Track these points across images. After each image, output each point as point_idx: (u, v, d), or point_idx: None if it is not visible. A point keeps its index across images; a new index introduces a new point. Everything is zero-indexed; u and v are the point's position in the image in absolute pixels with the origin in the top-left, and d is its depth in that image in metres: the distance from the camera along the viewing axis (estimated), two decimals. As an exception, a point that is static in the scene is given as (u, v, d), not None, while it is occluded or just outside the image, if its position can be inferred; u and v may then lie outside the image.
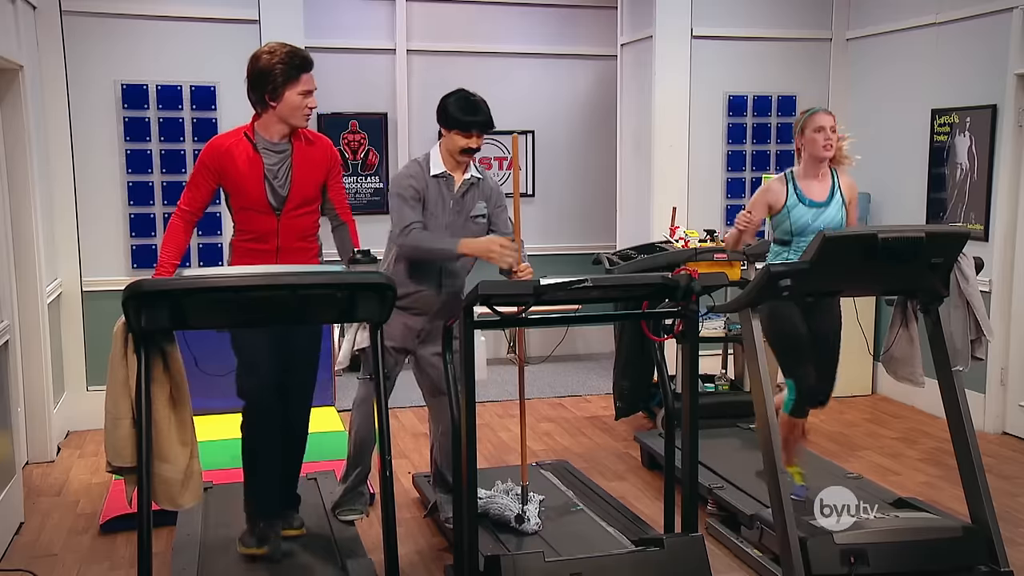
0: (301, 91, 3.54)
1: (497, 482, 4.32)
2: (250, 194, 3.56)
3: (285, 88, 3.52)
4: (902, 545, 3.48)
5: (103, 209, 5.79)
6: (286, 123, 3.57)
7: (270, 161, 3.57)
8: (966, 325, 3.67)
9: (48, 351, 5.29)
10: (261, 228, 3.60)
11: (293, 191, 3.59)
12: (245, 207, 3.59)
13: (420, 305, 3.97)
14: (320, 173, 3.68)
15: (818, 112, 4.12)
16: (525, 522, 3.94)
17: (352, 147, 7.42)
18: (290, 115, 3.56)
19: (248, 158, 3.55)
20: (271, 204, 3.57)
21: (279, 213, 3.58)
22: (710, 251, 5.35)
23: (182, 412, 3.00)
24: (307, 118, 3.61)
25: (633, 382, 5.51)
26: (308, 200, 3.65)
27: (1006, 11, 5.47)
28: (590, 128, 7.85)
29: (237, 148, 3.56)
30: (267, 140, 3.59)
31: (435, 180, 3.93)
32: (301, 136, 3.65)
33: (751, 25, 6.64)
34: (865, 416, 6.15)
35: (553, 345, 7.61)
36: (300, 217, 3.63)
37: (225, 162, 3.55)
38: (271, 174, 3.56)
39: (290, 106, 3.54)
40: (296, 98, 3.53)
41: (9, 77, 4.97)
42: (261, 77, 3.52)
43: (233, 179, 3.56)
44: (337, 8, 7.26)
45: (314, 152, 3.66)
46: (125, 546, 4.14)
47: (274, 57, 3.52)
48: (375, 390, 3.10)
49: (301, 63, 3.56)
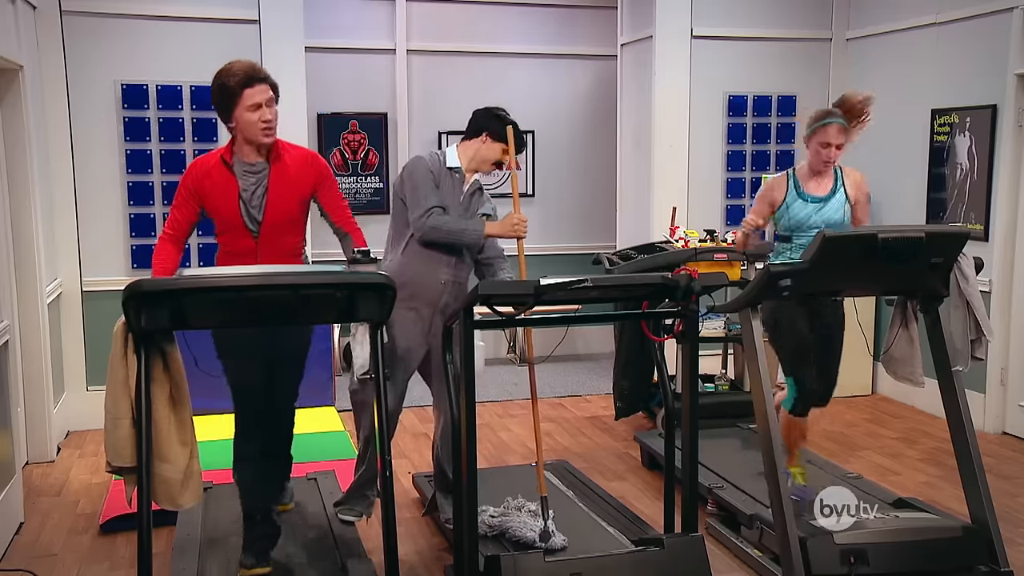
0: (248, 106, 3.42)
1: (507, 499, 4.18)
2: (227, 217, 3.52)
3: (233, 107, 3.43)
4: (902, 545, 3.48)
5: (103, 209, 5.79)
6: (249, 142, 3.49)
7: (245, 183, 3.51)
8: (966, 325, 3.67)
9: (48, 351, 5.29)
10: (241, 249, 3.56)
11: (268, 212, 3.52)
12: (224, 229, 3.57)
13: (425, 295, 3.97)
14: (301, 190, 3.58)
15: (832, 125, 4.03)
16: (552, 537, 3.79)
17: (352, 147, 7.42)
18: (247, 132, 3.46)
19: (224, 181, 3.50)
20: (247, 226, 3.53)
21: (256, 235, 3.54)
22: (710, 251, 5.35)
23: (182, 412, 2.99)
24: (266, 134, 3.46)
25: (633, 382, 5.51)
26: (287, 220, 3.58)
27: (1006, 11, 5.47)
28: (590, 128, 7.85)
29: (215, 171, 3.52)
30: (244, 161, 3.53)
31: (449, 173, 3.97)
32: (281, 154, 3.55)
33: (751, 25, 6.64)
34: (865, 416, 6.15)
35: (553, 345, 7.61)
36: (280, 237, 3.57)
37: (204, 185, 3.52)
38: (246, 196, 3.51)
39: (243, 123, 3.44)
40: (245, 114, 3.43)
41: (9, 77, 4.97)
42: (216, 98, 3.48)
43: (211, 201, 3.53)
44: (337, 8, 7.26)
45: (291, 169, 3.56)
46: (125, 546, 4.14)
47: (222, 76, 3.45)
48: (375, 390, 3.10)
49: (245, 78, 3.42)
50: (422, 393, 4.94)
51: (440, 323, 3.96)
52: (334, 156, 7.35)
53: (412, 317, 3.98)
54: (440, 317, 3.97)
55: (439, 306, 3.99)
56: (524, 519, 3.94)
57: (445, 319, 3.87)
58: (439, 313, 3.99)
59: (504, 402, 6.58)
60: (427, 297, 3.98)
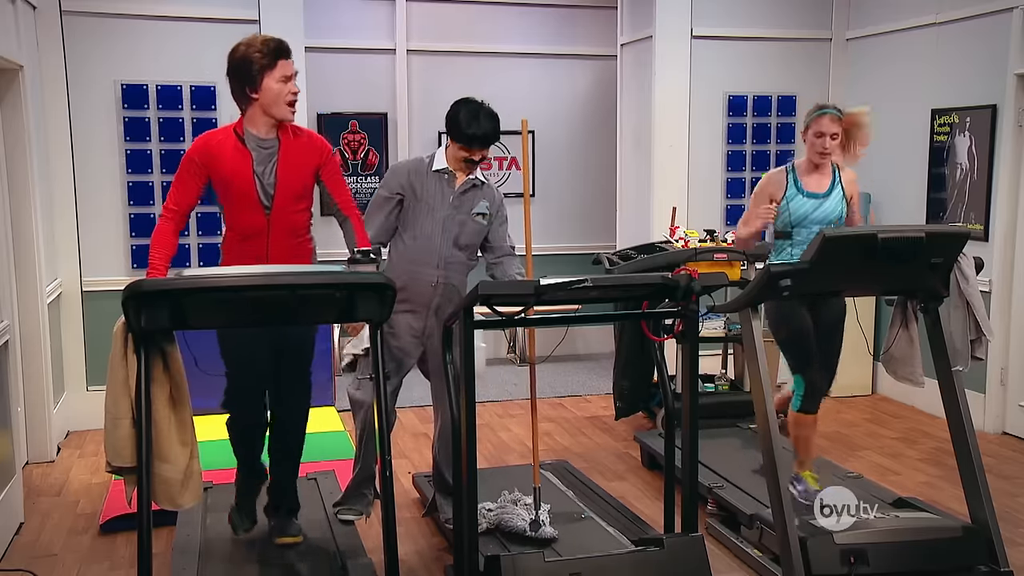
0: (280, 77, 3.46)
1: (504, 492, 4.22)
2: (239, 190, 3.51)
3: (263, 76, 3.45)
4: (902, 545, 3.48)
5: (103, 209, 5.79)
6: (270, 115, 3.50)
7: (259, 157, 3.52)
8: (966, 325, 3.67)
9: (48, 351, 5.29)
10: (251, 225, 3.55)
11: (280, 186, 3.52)
12: (234, 204, 3.54)
13: (417, 298, 3.97)
14: (308, 167, 3.61)
15: (826, 116, 4.07)
16: (541, 527, 3.85)
17: (352, 147, 7.42)
18: (272, 104, 3.48)
19: (236, 153, 3.49)
20: (261, 201, 3.52)
21: (268, 210, 3.54)
22: (710, 251, 5.35)
23: (182, 412, 3.00)
24: (291, 107, 3.52)
25: (633, 382, 5.51)
26: (297, 196, 3.59)
27: (1006, 11, 5.47)
28: (590, 128, 7.85)
29: (225, 144, 3.51)
30: (255, 135, 3.53)
31: (436, 175, 3.95)
32: (288, 131, 3.58)
33: (751, 25, 6.64)
34: (865, 416, 6.15)
35: (553, 345, 7.60)
36: (290, 214, 3.58)
37: (213, 158, 3.49)
38: (259, 170, 3.51)
39: (271, 94, 3.46)
40: (275, 85, 3.46)
41: (9, 77, 4.97)
42: (239, 68, 3.48)
43: (221, 175, 3.50)
44: (337, 8, 7.27)
45: (301, 146, 3.59)
46: (125, 546, 4.14)
47: (250, 48, 3.46)
48: (375, 390, 3.10)
49: (277, 49, 3.48)
50: (422, 393, 4.95)
51: (434, 325, 3.97)
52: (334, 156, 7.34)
53: (408, 319, 3.98)
54: (435, 319, 3.98)
55: (432, 307, 3.99)
56: (518, 510, 3.98)
57: (440, 320, 3.87)
58: (433, 315, 3.99)
59: (504, 402, 6.58)
60: (419, 300, 3.98)
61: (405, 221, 3.98)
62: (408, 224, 3.97)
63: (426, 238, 3.94)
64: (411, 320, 4.00)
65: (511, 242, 4.12)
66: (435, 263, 3.95)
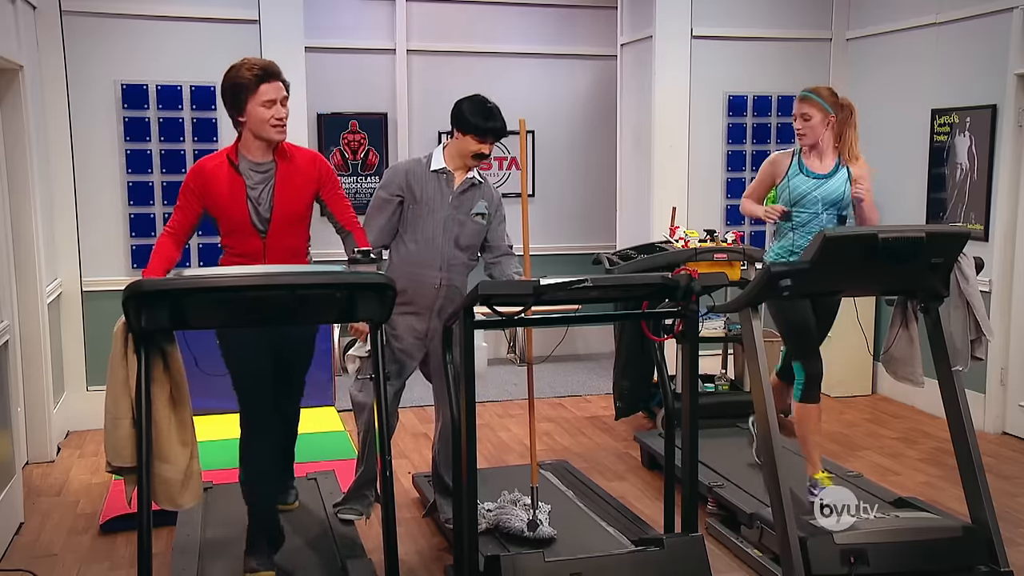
0: (262, 102, 3.44)
1: (504, 492, 4.22)
2: (234, 217, 3.52)
3: (246, 100, 3.44)
4: (902, 545, 3.48)
5: (103, 209, 5.79)
6: (260, 138, 3.50)
7: (252, 182, 3.51)
8: (966, 325, 3.67)
9: (48, 351, 5.29)
10: (248, 250, 3.55)
11: (276, 211, 3.53)
12: (230, 229, 3.56)
13: (418, 301, 3.97)
14: (307, 189, 3.60)
15: (799, 98, 4.21)
16: (539, 527, 3.85)
17: (352, 147, 7.42)
18: (258, 128, 3.47)
19: (230, 180, 3.50)
20: (255, 226, 3.53)
21: (264, 235, 3.54)
22: (710, 251, 5.35)
23: (182, 412, 2.99)
24: (278, 130, 3.49)
25: (633, 382, 5.51)
26: (294, 219, 3.59)
27: (1006, 11, 5.47)
28: (590, 128, 7.86)
29: (219, 171, 3.52)
30: (249, 160, 3.53)
31: (435, 175, 3.95)
32: (285, 153, 3.57)
33: (751, 25, 6.65)
34: (865, 416, 6.15)
35: (553, 345, 7.63)
36: (287, 237, 3.58)
37: (208, 185, 3.51)
38: (254, 195, 3.51)
39: (255, 119, 3.45)
40: (258, 109, 3.44)
41: (9, 77, 4.97)
42: (226, 92, 3.49)
43: (216, 202, 3.52)
44: (337, 8, 7.27)
45: (298, 168, 3.58)
46: (125, 546, 4.14)
47: (235, 71, 3.47)
48: (375, 390, 3.10)
49: (260, 73, 3.45)
50: (422, 393, 4.95)
51: (437, 326, 3.97)
52: (334, 156, 7.35)
53: (410, 321, 3.98)
54: (437, 320, 3.98)
55: (435, 309, 3.99)
56: (516, 511, 3.98)
57: (442, 321, 3.87)
58: (436, 316, 3.99)
59: (504, 402, 6.58)
60: (422, 302, 3.97)
61: (406, 224, 3.97)
62: (409, 227, 3.97)
63: (428, 240, 3.94)
64: (414, 322, 4.00)
65: (509, 241, 4.12)
66: (438, 265, 3.95)
